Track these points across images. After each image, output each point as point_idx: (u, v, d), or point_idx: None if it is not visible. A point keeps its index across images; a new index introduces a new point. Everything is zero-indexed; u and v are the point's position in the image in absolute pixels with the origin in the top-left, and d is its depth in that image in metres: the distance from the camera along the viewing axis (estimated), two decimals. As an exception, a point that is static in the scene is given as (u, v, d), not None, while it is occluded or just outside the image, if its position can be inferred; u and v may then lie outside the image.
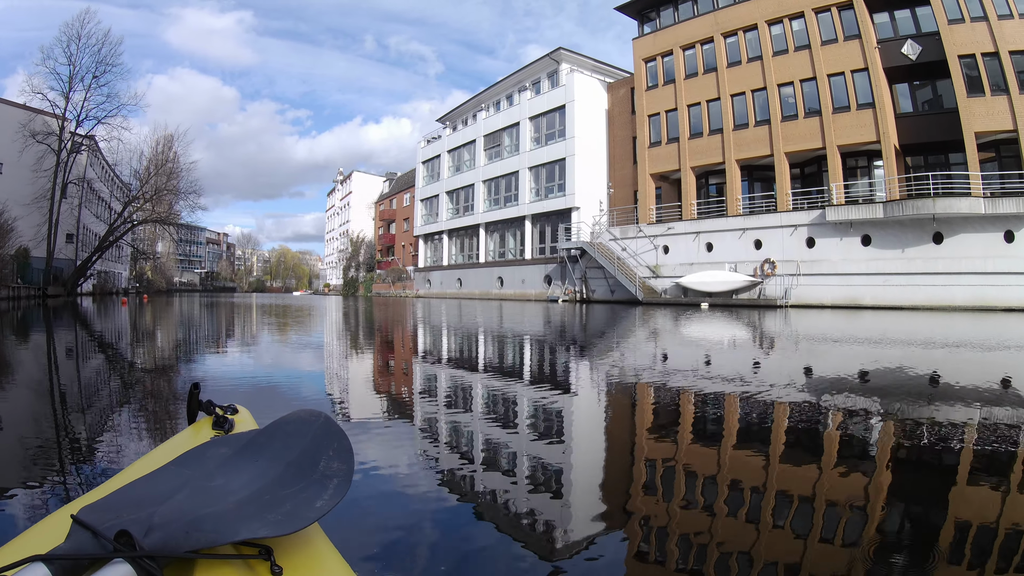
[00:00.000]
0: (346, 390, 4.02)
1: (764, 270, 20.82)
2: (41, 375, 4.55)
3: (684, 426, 2.90)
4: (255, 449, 0.90)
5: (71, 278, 35.24)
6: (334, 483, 0.83)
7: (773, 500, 1.86)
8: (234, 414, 1.21)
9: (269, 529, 0.69)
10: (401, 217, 52.76)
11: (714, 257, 22.23)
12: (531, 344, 7.32)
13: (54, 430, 2.61)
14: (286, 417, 0.98)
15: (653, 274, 23.34)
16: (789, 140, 21.87)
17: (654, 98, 25.89)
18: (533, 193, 31.30)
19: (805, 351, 6.69)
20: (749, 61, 23.11)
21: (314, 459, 0.87)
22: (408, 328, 10.42)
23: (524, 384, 4.12)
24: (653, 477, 2.13)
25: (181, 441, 1.09)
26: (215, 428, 1.14)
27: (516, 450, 2.41)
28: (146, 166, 39.04)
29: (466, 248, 37.64)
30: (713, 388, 3.96)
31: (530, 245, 31.31)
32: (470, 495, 1.89)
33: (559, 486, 2.01)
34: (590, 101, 29.23)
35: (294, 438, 0.92)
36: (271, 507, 0.74)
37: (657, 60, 26.15)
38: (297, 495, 0.79)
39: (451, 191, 39.13)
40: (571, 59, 31.26)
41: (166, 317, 13.77)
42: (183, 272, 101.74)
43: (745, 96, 23.23)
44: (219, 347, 6.91)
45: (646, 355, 6.25)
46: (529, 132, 31.72)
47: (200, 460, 0.87)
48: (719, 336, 8.85)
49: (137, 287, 61.99)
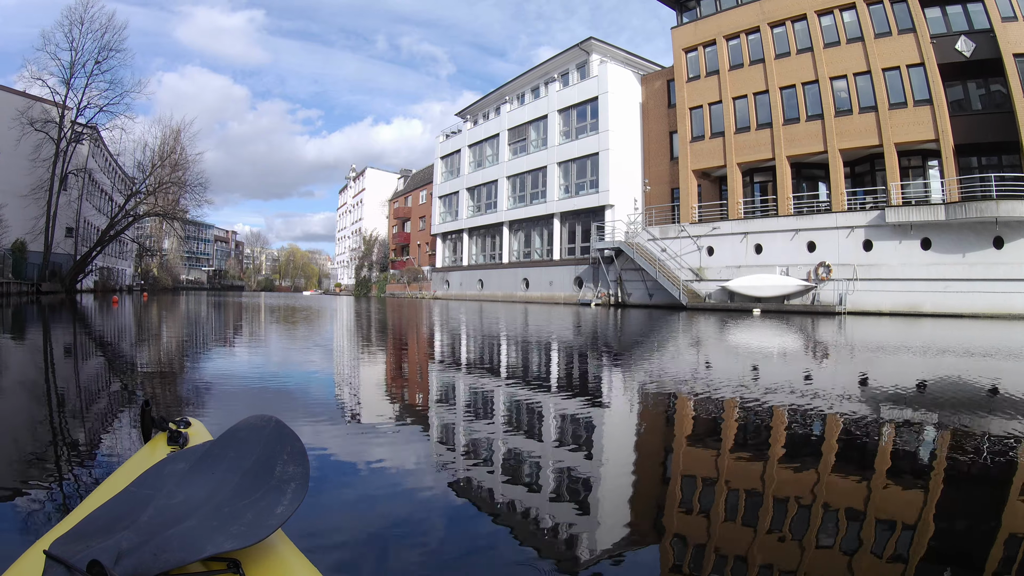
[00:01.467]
0: (375, 405, 3.71)
1: (819, 274, 20.40)
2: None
3: (751, 445, 2.75)
4: (211, 461, 0.93)
5: (69, 274, 35.04)
6: (292, 487, 0.87)
7: (820, 518, 1.82)
8: (187, 427, 1.25)
9: (234, 542, 0.73)
10: (417, 215, 52.76)
11: (763, 260, 21.80)
12: (569, 354, 6.77)
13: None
14: (237, 425, 1.03)
15: (696, 277, 22.88)
16: (844, 136, 21.54)
17: (696, 90, 25.61)
18: (562, 190, 30.84)
19: (882, 362, 6.41)
20: (799, 53, 22.87)
21: (269, 465, 0.92)
22: (431, 332, 10.02)
23: (570, 399, 3.75)
24: (693, 494, 2.08)
25: (139, 461, 1.12)
26: (170, 444, 1.17)
27: (550, 466, 2.34)
28: (150, 157, 38.96)
29: (488, 247, 37.25)
30: (779, 400, 3.75)
31: (559, 245, 30.82)
32: (491, 506, 1.88)
33: (588, 499, 1.99)
34: (623, 93, 28.83)
35: (247, 445, 0.96)
36: (232, 519, 0.78)
37: (698, 50, 26.02)
38: (257, 503, 0.83)
39: (472, 187, 38.80)
40: (602, 49, 30.94)
41: (159, 319, 12.93)
42: (190, 270, 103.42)
43: (795, 89, 22.98)
44: (208, 360, 5.76)
45: (717, 369, 5.70)
46: (558, 125, 31.30)
47: (159, 478, 0.90)
48: (783, 345, 8.44)
49: (142, 284, 62.42)
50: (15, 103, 31.80)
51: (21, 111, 31.05)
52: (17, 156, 31.62)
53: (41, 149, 32.25)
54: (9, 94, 32.68)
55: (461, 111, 43.03)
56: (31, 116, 31.30)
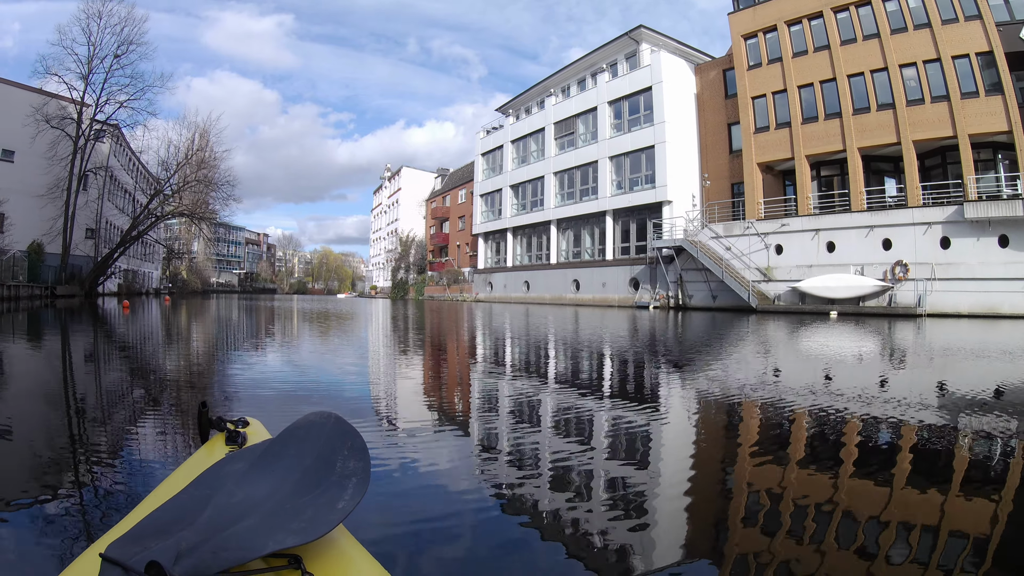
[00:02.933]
0: (426, 413, 3.78)
1: (895, 273, 20.34)
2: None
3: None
4: (270, 459, 0.98)
5: (88, 277, 35.07)
6: (353, 482, 0.92)
7: (894, 535, 1.82)
8: (245, 427, 1.30)
9: (295, 538, 0.77)
10: (456, 215, 53.25)
11: (836, 258, 21.76)
12: (641, 365, 6.37)
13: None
14: (297, 423, 1.07)
15: (764, 277, 22.92)
16: (916, 127, 21.37)
17: (758, 78, 25.57)
18: (615, 185, 30.91)
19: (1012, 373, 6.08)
20: (865, 39, 22.82)
21: (330, 461, 0.97)
22: (487, 339, 9.87)
23: (662, 426, 3.39)
24: (763, 511, 2.05)
25: (197, 461, 1.16)
26: (228, 444, 1.23)
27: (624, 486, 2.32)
28: (175, 155, 39.05)
29: (534, 247, 37.44)
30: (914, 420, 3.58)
31: (611, 244, 30.92)
32: (543, 519, 1.93)
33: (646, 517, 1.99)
34: (677, 84, 28.83)
35: (307, 443, 1.01)
36: (294, 516, 0.82)
37: (758, 36, 26.13)
38: (317, 500, 0.87)
39: (516, 185, 39.05)
40: (652, 38, 30.87)
41: (173, 328, 11.99)
42: (220, 273, 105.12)
43: (864, 77, 22.93)
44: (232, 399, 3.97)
45: (831, 384, 5.15)
46: (609, 118, 31.40)
47: (218, 478, 0.94)
48: (889, 352, 8.13)
49: (170, 287, 63.18)
50: (31, 100, 31.51)
51: (36, 107, 30.79)
52: (33, 155, 31.43)
53: (57, 147, 31.93)
54: (24, 91, 32.48)
55: (501, 106, 43.21)
56: (47, 113, 30.97)
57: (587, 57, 34.31)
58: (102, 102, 34.10)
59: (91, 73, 33.30)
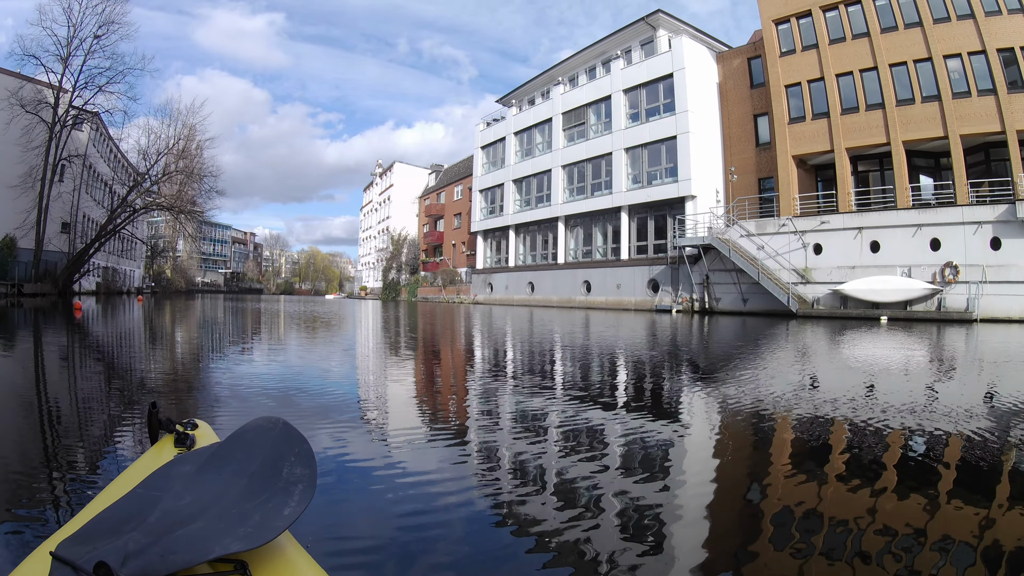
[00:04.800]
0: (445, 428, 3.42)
1: (945, 276, 19.85)
2: None
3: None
4: (218, 463, 1.01)
5: (62, 274, 34.38)
6: (299, 489, 0.95)
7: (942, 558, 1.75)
8: (194, 429, 1.34)
9: (241, 543, 0.79)
10: (451, 212, 52.79)
11: (880, 259, 21.15)
12: (699, 388, 5.32)
13: None
14: (245, 427, 1.10)
15: (802, 279, 22.17)
16: (964, 121, 21.05)
17: (791, 66, 25.05)
18: (630, 179, 30.13)
19: None
20: (906, 27, 22.61)
21: (276, 467, 0.99)
22: (496, 346, 9.23)
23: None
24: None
25: (146, 462, 1.20)
26: (177, 446, 1.26)
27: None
28: (155, 144, 38.64)
29: (539, 246, 36.64)
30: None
31: (627, 242, 30.08)
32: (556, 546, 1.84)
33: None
34: (698, 72, 28.26)
35: (255, 448, 1.04)
36: (240, 520, 0.85)
37: (791, 21, 25.89)
38: (264, 505, 0.90)
39: (520, 179, 38.31)
40: (670, 24, 30.35)
41: (121, 335, 10.46)
42: (206, 272, 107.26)
43: (907, 67, 22.61)
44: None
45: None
46: (624, 107, 30.69)
47: (166, 480, 0.97)
48: (963, 364, 7.46)
49: (152, 287, 63.73)
50: (6, 84, 31.35)
51: (11, 91, 30.61)
52: (6, 142, 31.15)
53: (32, 133, 31.62)
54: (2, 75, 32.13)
55: (502, 97, 42.55)
56: (22, 97, 30.85)
57: (598, 44, 33.67)
58: (80, 85, 33.69)
59: (71, 56, 32.88)
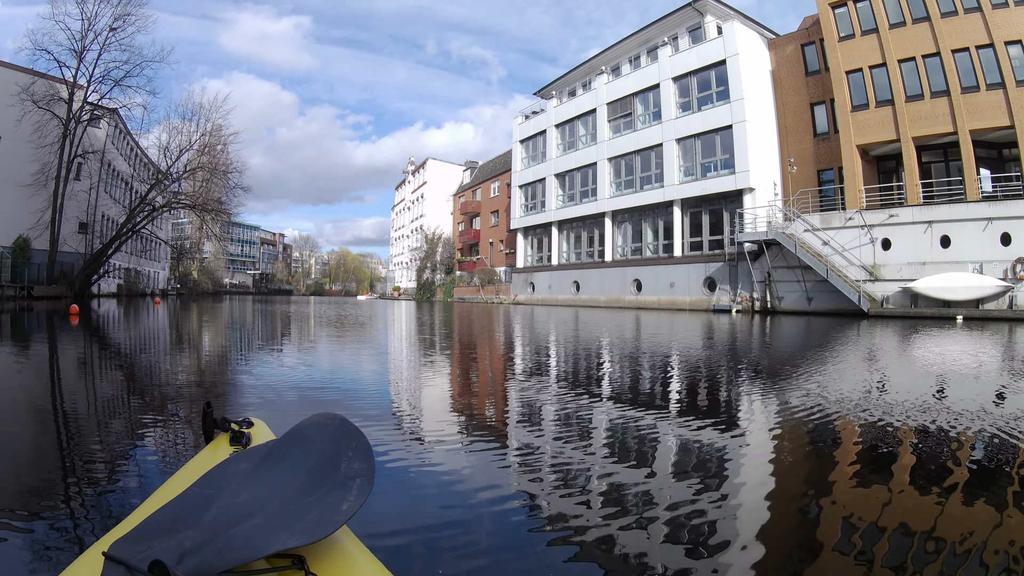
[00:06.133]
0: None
1: (1016, 272, 20.04)
2: None
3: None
4: (275, 460, 1.06)
5: (79, 275, 34.41)
6: (357, 483, 0.99)
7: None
8: (250, 427, 1.39)
9: (299, 538, 0.83)
10: (488, 210, 53.13)
11: (951, 255, 21.22)
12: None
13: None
14: (302, 424, 1.15)
15: (870, 276, 22.30)
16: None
17: (851, 51, 24.96)
18: (683, 172, 30.13)
19: None
20: (966, 12, 22.57)
21: (334, 462, 1.04)
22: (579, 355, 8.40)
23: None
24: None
25: (201, 461, 1.24)
26: (233, 444, 1.31)
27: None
28: (177, 140, 38.76)
29: (584, 243, 36.73)
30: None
31: (680, 238, 30.10)
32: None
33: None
34: (751, 59, 28.23)
35: (312, 444, 1.08)
36: (298, 516, 0.89)
37: (848, 5, 25.66)
38: (322, 500, 0.94)
39: (562, 173, 38.34)
40: (718, 10, 30.22)
41: (121, 346, 9.11)
42: (234, 273, 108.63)
43: (969, 53, 22.55)
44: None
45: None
46: (674, 96, 30.65)
47: (222, 478, 1.01)
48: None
49: (177, 289, 64.47)
50: (17, 80, 31.20)
51: (23, 87, 30.52)
52: (18, 140, 31.13)
53: (45, 130, 31.50)
54: (10, 70, 32.15)
55: (541, 89, 42.55)
56: (33, 92, 30.71)
57: (641, 32, 33.56)
58: (96, 79, 33.50)
59: (85, 50, 32.74)
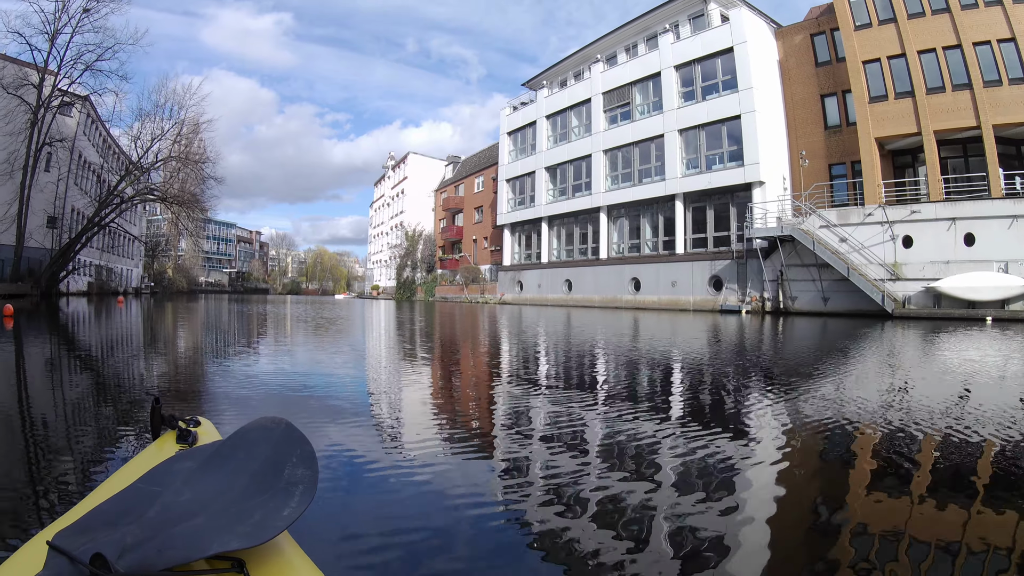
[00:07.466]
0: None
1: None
2: None
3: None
4: (220, 461, 1.06)
5: (45, 272, 33.28)
6: (300, 490, 0.99)
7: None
8: (197, 426, 1.41)
9: (240, 541, 0.83)
10: (471, 206, 52.27)
11: (975, 253, 20.74)
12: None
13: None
14: (248, 426, 1.15)
15: (891, 275, 21.63)
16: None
17: (868, 40, 24.46)
18: (686, 164, 29.29)
19: None
20: (987, 6, 22.38)
21: (278, 467, 1.04)
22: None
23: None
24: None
25: (147, 457, 1.28)
26: (179, 442, 1.33)
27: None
28: (149, 129, 38.02)
29: (577, 239, 35.73)
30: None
31: (682, 234, 29.23)
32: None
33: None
34: (758, 47, 27.63)
35: (257, 447, 1.09)
36: (240, 519, 0.89)
37: (864, -7, 25.99)
38: (265, 504, 0.94)
39: (553, 167, 37.42)
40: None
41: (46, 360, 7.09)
42: (210, 272, 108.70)
43: (990, 45, 22.26)
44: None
45: None
46: (676, 85, 29.88)
47: (167, 475, 1.02)
48: None
49: (151, 287, 63.87)
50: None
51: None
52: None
53: (12, 116, 30.72)
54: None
55: (530, 80, 41.65)
56: (2, 78, 30.18)
57: (640, 19, 32.79)
58: (67, 63, 32.82)
59: (58, 33, 31.89)
